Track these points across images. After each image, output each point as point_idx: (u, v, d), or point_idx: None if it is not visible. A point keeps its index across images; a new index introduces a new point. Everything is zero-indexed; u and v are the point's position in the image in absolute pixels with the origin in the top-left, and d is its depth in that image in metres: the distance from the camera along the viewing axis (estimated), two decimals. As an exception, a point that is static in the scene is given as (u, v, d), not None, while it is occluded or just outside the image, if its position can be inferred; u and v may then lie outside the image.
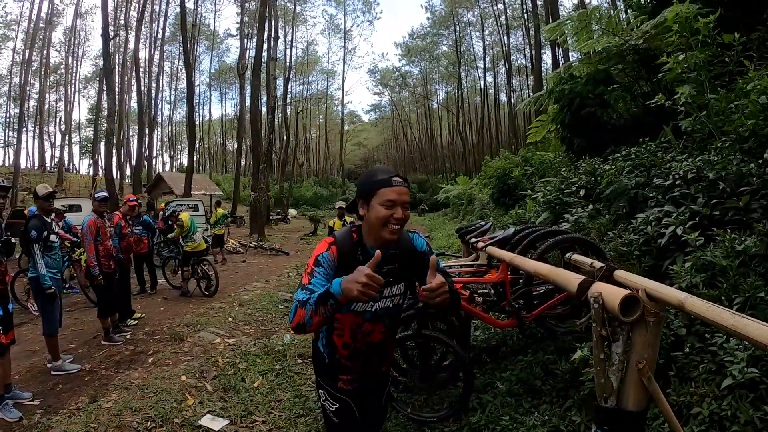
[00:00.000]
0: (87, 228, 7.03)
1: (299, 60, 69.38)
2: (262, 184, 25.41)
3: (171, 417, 4.59)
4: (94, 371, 5.98)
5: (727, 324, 1.58)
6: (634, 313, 1.93)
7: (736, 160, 4.84)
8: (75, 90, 62.97)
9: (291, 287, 11.45)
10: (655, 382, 1.97)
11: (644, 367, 1.92)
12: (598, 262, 2.82)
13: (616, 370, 2.00)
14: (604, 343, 2.03)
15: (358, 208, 2.31)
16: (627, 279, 2.25)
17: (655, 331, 1.94)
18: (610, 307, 1.97)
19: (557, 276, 2.76)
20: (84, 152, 67.88)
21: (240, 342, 7.08)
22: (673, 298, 1.87)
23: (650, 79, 9.22)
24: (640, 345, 1.95)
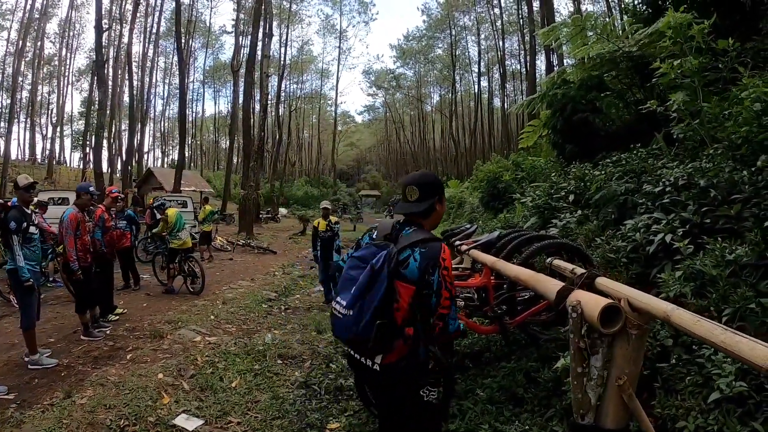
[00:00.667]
0: (68, 222, 6.90)
1: (294, 59, 69.44)
2: (252, 181, 25.26)
3: (145, 415, 4.50)
4: (72, 366, 5.88)
5: (718, 341, 1.45)
6: (615, 325, 1.80)
7: (728, 167, 4.78)
8: (68, 82, 62.89)
9: (276, 286, 11.35)
10: (636, 400, 1.84)
11: (625, 383, 1.79)
12: (579, 269, 2.71)
13: (595, 386, 1.88)
14: (582, 355, 1.90)
15: (434, 205, 2.59)
16: (609, 287, 2.12)
17: (637, 344, 1.81)
18: (589, 318, 1.85)
19: (537, 282, 2.66)
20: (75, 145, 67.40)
21: (221, 341, 7.00)
22: (658, 310, 1.75)
23: (643, 86, 9.16)
24: (621, 359, 1.83)
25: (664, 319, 1.72)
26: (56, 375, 5.61)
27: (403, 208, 2.64)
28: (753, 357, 1.31)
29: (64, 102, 61.58)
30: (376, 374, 2.50)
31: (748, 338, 1.37)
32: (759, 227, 3.74)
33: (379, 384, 2.61)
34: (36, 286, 5.93)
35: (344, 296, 2.44)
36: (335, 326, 2.51)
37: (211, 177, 56.27)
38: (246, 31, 42.11)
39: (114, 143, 53.27)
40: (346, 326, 2.41)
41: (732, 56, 5.83)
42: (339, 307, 2.45)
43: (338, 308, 2.45)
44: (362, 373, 2.67)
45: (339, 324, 2.45)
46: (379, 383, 2.60)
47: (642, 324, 1.79)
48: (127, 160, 43.07)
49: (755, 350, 1.31)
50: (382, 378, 2.51)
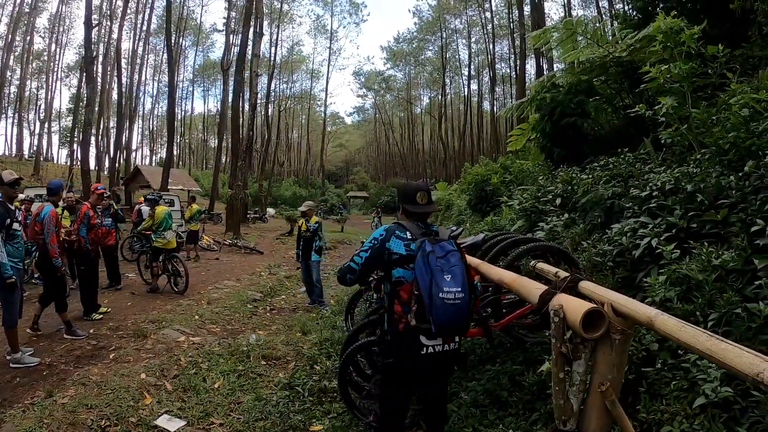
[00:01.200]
0: (49, 218, 6.83)
1: (284, 59, 69.27)
2: (240, 181, 25.14)
3: (127, 416, 4.46)
4: (54, 365, 5.83)
5: (703, 348, 1.41)
6: (598, 330, 1.77)
7: (715, 172, 4.78)
8: (57, 78, 62.34)
9: (262, 287, 11.29)
10: (619, 406, 1.80)
11: (608, 390, 1.75)
12: (563, 272, 2.67)
13: (577, 391, 1.84)
14: (564, 361, 1.86)
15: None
16: (593, 291, 2.08)
17: (620, 350, 1.77)
18: (571, 322, 1.81)
19: (520, 286, 2.63)
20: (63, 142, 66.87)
21: (204, 341, 6.98)
22: (642, 315, 1.71)
23: (632, 92, 9.19)
24: (603, 365, 1.78)
25: (647, 325, 1.68)
26: (38, 374, 5.55)
27: (422, 209, 3.20)
28: (740, 365, 1.26)
29: (52, 98, 61.04)
30: (455, 353, 3.03)
31: (734, 345, 1.33)
32: (745, 232, 3.73)
33: (453, 360, 3.09)
34: (19, 284, 5.83)
35: (450, 284, 2.75)
36: (451, 313, 2.74)
37: (199, 176, 55.98)
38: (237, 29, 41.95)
39: (102, 140, 52.96)
40: (463, 310, 2.76)
41: (721, 62, 5.85)
42: (452, 293, 2.74)
43: (452, 295, 2.73)
44: (438, 362, 2.99)
45: (457, 309, 2.74)
46: (452, 360, 3.07)
47: (625, 329, 1.75)
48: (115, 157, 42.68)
49: (742, 357, 1.27)
50: (458, 352, 3.07)
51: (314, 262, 9.62)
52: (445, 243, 2.93)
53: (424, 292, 2.76)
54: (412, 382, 3.12)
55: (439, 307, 2.72)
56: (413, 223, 3.15)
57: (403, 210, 3.27)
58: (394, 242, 3.07)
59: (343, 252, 20.64)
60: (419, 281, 2.81)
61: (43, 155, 56.62)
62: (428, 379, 3.11)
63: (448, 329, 2.81)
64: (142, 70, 57.93)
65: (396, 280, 3.04)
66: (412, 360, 2.96)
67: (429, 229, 3.12)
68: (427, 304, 2.75)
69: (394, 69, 75.34)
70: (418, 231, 3.06)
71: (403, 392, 3.19)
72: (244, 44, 27.15)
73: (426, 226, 3.16)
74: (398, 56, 71.62)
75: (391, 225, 3.20)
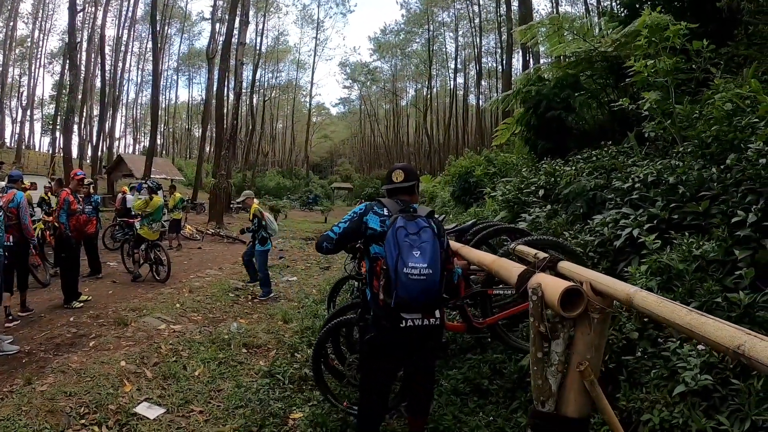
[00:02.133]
0: (25, 203, 6.90)
1: (270, 48, 68.75)
2: (224, 170, 24.94)
3: (106, 403, 4.45)
4: (33, 353, 5.77)
5: (683, 322, 1.40)
6: (576, 309, 1.75)
7: (697, 165, 4.81)
8: (40, 65, 61.47)
9: (243, 276, 11.21)
10: (598, 387, 1.79)
11: (586, 369, 1.74)
12: (542, 253, 2.67)
13: (555, 371, 1.83)
14: (542, 340, 1.85)
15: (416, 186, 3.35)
16: (571, 271, 2.08)
17: (599, 329, 1.76)
18: (549, 300, 1.80)
19: (499, 267, 2.62)
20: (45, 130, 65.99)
21: (185, 329, 6.98)
22: (620, 293, 1.70)
23: (617, 87, 9.22)
24: (582, 344, 1.78)
25: (626, 302, 1.67)
26: (17, 362, 5.49)
27: (395, 185, 3.28)
28: (720, 338, 1.26)
29: (35, 85, 60.34)
30: (435, 328, 3.08)
31: (714, 319, 1.33)
32: (726, 224, 3.76)
33: (433, 336, 3.13)
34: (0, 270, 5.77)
35: (418, 260, 2.83)
36: (415, 289, 2.81)
37: (183, 165, 55.53)
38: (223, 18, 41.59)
39: (85, 129, 52.28)
40: (430, 284, 2.83)
41: (705, 58, 5.88)
42: (417, 269, 2.81)
43: (417, 270, 2.81)
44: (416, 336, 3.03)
45: (422, 284, 2.82)
46: (431, 336, 3.11)
47: (604, 308, 1.74)
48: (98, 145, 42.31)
49: (722, 331, 1.26)
50: (440, 329, 3.14)
51: (257, 251, 9.54)
52: (420, 219, 3.01)
53: (390, 268, 2.85)
54: (392, 357, 3.16)
55: (404, 283, 2.80)
56: (393, 200, 3.24)
57: (386, 191, 3.38)
58: (371, 217, 3.17)
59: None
60: (386, 256, 2.89)
61: (25, 143, 56.01)
62: (407, 353, 3.15)
63: (414, 304, 2.87)
64: (126, 58, 57.55)
65: (373, 256, 3.12)
66: (391, 333, 3.01)
67: (408, 206, 3.17)
68: (392, 279, 2.83)
69: (380, 61, 75.25)
70: (395, 207, 3.14)
71: (383, 368, 3.21)
72: (229, 32, 26.98)
73: (405, 203, 3.21)
74: (385, 48, 71.38)
75: (371, 202, 3.31)
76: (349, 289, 6.97)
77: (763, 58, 6.69)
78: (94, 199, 9.88)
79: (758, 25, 7.13)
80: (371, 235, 3.14)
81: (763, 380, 2.58)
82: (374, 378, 3.24)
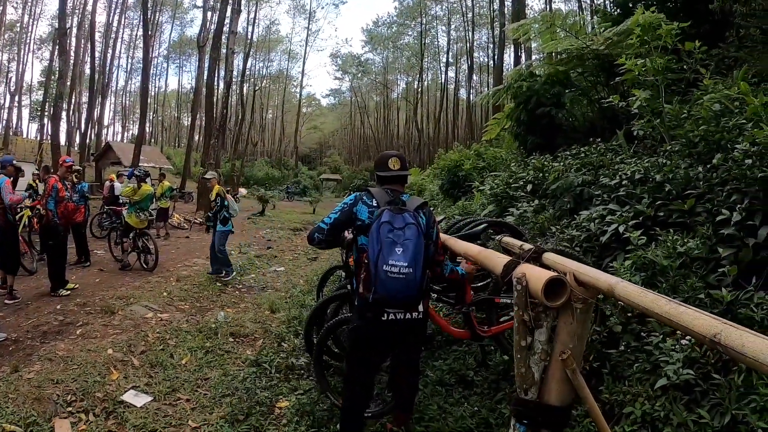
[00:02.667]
0: (5, 185, 6.99)
1: (261, 37, 68.35)
2: (212, 159, 24.77)
3: (93, 391, 4.45)
4: (20, 341, 5.76)
5: (662, 311, 1.44)
6: (560, 298, 1.78)
7: (684, 164, 4.86)
8: (29, 50, 60.65)
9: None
10: (580, 375, 1.83)
11: (569, 358, 1.78)
12: (528, 244, 2.71)
13: (539, 360, 1.87)
14: (526, 329, 1.89)
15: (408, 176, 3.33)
16: (556, 262, 2.12)
17: (582, 319, 1.80)
18: (533, 290, 1.83)
19: (485, 258, 2.66)
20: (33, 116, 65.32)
21: (172, 317, 6.99)
22: (603, 283, 1.74)
23: (608, 85, 9.27)
24: (565, 334, 1.82)
25: (608, 292, 1.71)
26: (4, 349, 5.49)
27: (394, 173, 3.23)
28: (697, 327, 1.29)
29: (23, 70, 59.51)
30: (417, 322, 3.10)
31: (692, 309, 1.37)
32: (711, 222, 3.82)
33: (415, 330, 3.15)
34: None
35: (398, 258, 2.82)
36: (393, 287, 2.82)
37: (172, 154, 55.12)
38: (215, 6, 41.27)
39: (73, 115, 51.73)
40: (410, 283, 2.82)
41: (696, 58, 5.93)
42: (398, 267, 2.81)
43: (397, 269, 2.81)
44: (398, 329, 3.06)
45: (401, 282, 2.82)
46: (414, 329, 3.13)
47: (587, 298, 1.78)
48: (86, 132, 41.87)
49: (699, 320, 1.30)
50: (422, 322, 3.15)
51: (218, 232, 9.63)
52: (407, 214, 2.98)
53: (372, 262, 2.87)
54: (375, 349, 3.20)
55: (383, 280, 2.82)
56: (383, 190, 3.20)
57: (377, 177, 3.34)
58: (361, 207, 3.15)
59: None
60: (369, 250, 2.91)
61: (13, 129, 55.42)
62: (389, 345, 3.20)
63: (391, 301, 2.89)
64: (116, 45, 56.95)
65: (360, 247, 3.13)
66: (374, 325, 3.04)
67: (398, 197, 3.14)
68: (372, 273, 2.85)
69: (372, 52, 75.02)
70: (384, 198, 3.11)
71: (366, 359, 3.23)
72: (221, 21, 26.72)
73: (395, 193, 3.18)
74: (377, 40, 71.16)
75: (360, 192, 3.27)
76: (336, 279, 6.98)
77: (754, 60, 6.75)
78: (80, 187, 9.83)
79: (750, 28, 7.20)
80: (360, 226, 3.12)
81: (744, 376, 2.64)
82: (357, 369, 3.26)
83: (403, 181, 3.31)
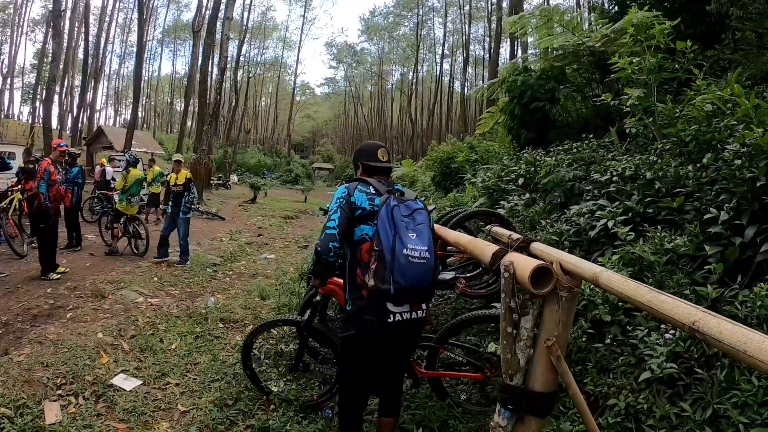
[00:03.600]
0: None
1: (256, 24, 68.08)
2: (205, 145, 24.73)
3: (83, 374, 4.47)
4: (10, 324, 5.74)
5: (644, 300, 1.48)
6: (546, 286, 1.82)
7: (674, 162, 4.91)
8: (22, 32, 60.16)
9: (222, 251, 11.26)
10: (564, 363, 1.87)
11: (553, 345, 1.82)
12: (516, 234, 2.75)
13: (524, 347, 1.91)
14: (513, 316, 1.93)
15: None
16: (543, 251, 2.16)
17: (567, 307, 1.84)
18: (520, 278, 1.87)
19: (475, 246, 2.69)
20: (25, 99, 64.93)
21: (163, 302, 7.02)
22: (587, 272, 1.78)
23: (602, 82, 9.34)
24: (550, 322, 1.86)
25: (593, 280, 1.75)
26: (-7, 332, 5.48)
27: (385, 164, 3.11)
28: (677, 314, 1.34)
29: (16, 53, 59.12)
30: (421, 321, 2.91)
31: (672, 297, 1.41)
32: (699, 220, 3.86)
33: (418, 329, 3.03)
34: None
35: (416, 242, 2.67)
36: (414, 274, 2.63)
37: (164, 139, 54.81)
38: (211, -9, 41.07)
39: (66, 99, 51.44)
40: (428, 269, 2.69)
41: (689, 58, 5.97)
42: (418, 251, 2.65)
43: (417, 253, 2.64)
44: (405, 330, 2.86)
45: (422, 269, 2.66)
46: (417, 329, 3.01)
47: (572, 287, 1.82)
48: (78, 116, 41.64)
49: (679, 308, 1.35)
50: (424, 321, 2.95)
51: (183, 219, 9.59)
52: (411, 202, 2.83)
53: (386, 249, 2.62)
54: (378, 351, 2.95)
55: (404, 266, 2.60)
56: (377, 180, 3.00)
57: (364, 167, 3.14)
58: (358, 195, 2.87)
59: (306, 222, 20.69)
60: (381, 237, 2.64)
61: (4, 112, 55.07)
62: (392, 348, 2.98)
63: (410, 291, 2.65)
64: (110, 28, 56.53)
65: (358, 239, 2.84)
66: (377, 329, 2.79)
67: (393, 186, 2.96)
68: (389, 262, 2.59)
69: (368, 42, 74.92)
70: (382, 187, 2.91)
71: (366, 364, 2.99)
72: (216, 6, 26.65)
73: (389, 183, 3.01)
74: (373, 30, 71.02)
75: (350, 183, 3.01)
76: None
77: (748, 63, 6.80)
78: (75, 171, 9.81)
79: (745, 31, 7.24)
80: (359, 216, 2.83)
81: (726, 371, 2.69)
82: (355, 374, 3.05)
83: (389, 173, 3.17)
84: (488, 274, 5.06)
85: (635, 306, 1.64)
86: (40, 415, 3.77)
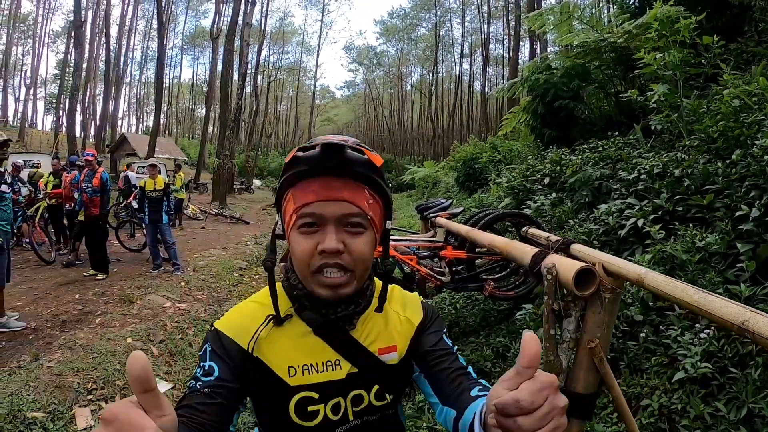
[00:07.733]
0: None
1: (275, 29, 68.48)
2: (227, 151, 24.97)
3: (113, 379, 4.53)
4: (40, 330, 5.84)
5: (692, 300, 1.48)
6: (589, 288, 1.82)
7: (703, 159, 4.85)
8: (43, 43, 61.30)
9: (248, 255, 11.33)
10: (607, 364, 1.87)
11: (596, 347, 1.82)
12: (554, 236, 2.74)
13: (567, 348, 1.91)
14: (555, 318, 1.94)
15: None
16: (584, 253, 2.15)
17: (610, 308, 1.84)
18: (563, 280, 1.87)
19: (513, 248, 2.67)
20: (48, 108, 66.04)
21: (190, 307, 7.07)
22: (632, 273, 1.77)
23: (625, 78, 9.23)
24: (593, 323, 1.85)
25: (637, 282, 1.75)
26: (24, 338, 5.57)
27: None
28: (726, 315, 1.34)
29: (38, 63, 60.24)
30: None
31: (721, 297, 1.41)
32: (729, 217, 3.82)
33: None
34: (6, 246, 5.80)
35: None
36: None
37: (186, 145, 55.49)
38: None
39: (88, 108, 52.15)
40: None
41: (715, 53, 5.90)
42: None
43: None
44: None
45: None
46: None
47: (615, 288, 1.81)
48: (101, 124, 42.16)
49: (728, 308, 1.35)
50: None
51: (164, 225, 9.28)
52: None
53: None
54: None
55: None
56: None
57: None
58: None
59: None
60: None
61: (28, 122, 55.92)
62: None
63: None
64: (131, 37, 57.19)
65: None
66: None
67: None
68: None
69: (386, 44, 74.82)
70: None
71: None
72: (235, 12, 26.82)
73: None
74: (391, 32, 70.94)
75: None
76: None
77: (773, 56, 6.72)
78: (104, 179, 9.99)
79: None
80: None
81: (761, 370, 2.67)
82: None
83: None
84: (516, 275, 5.07)
85: (683, 307, 1.64)
86: (71, 420, 3.84)
